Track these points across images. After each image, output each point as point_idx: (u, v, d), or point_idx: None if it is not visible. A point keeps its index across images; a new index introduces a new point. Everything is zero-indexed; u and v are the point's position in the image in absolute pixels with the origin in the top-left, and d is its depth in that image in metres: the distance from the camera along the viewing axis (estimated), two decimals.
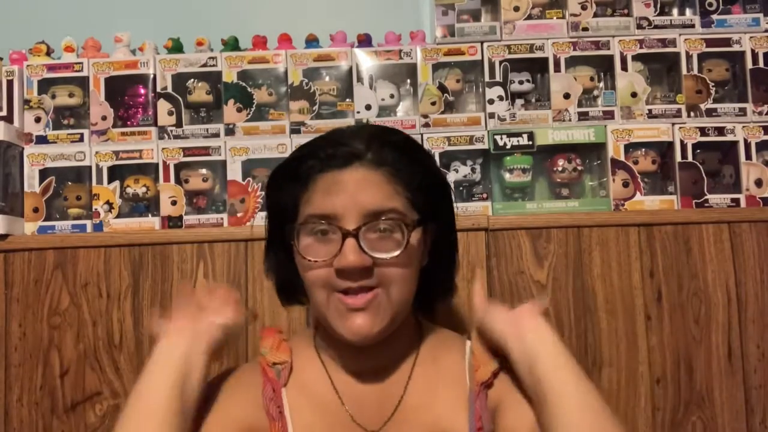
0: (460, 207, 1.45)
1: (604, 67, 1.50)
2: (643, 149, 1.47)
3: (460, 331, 1.07)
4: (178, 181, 1.47)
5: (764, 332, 1.37)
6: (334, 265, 0.86)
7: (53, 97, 1.50)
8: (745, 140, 1.45)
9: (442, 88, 1.49)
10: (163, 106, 1.49)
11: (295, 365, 0.97)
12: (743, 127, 1.45)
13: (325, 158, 0.89)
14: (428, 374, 0.97)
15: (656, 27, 1.50)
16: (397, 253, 0.87)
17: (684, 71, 1.48)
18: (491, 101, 1.47)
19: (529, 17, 1.51)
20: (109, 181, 1.47)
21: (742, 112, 1.47)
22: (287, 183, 0.92)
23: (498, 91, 1.48)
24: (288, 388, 0.95)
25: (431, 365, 0.98)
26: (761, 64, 1.48)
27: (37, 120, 1.49)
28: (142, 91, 1.52)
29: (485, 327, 0.94)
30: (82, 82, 1.51)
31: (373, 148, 0.89)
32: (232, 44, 1.55)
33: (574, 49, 1.48)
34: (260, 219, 1.41)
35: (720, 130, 1.45)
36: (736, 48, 1.49)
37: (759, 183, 1.45)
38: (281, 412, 0.92)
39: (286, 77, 1.50)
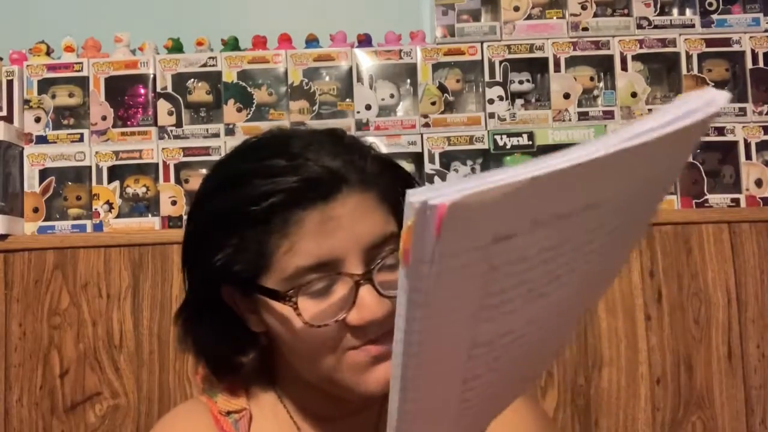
0: None
1: (604, 67, 1.50)
2: None
3: None
4: (178, 181, 1.47)
5: (764, 332, 1.37)
6: (350, 322, 0.67)
7: (53, 97, 1.50)
8: (745, 140, 1.45)
9: (442, 88, 1.49)
10: (163, 106, 1.49)
11: (254, 414, 0.79)
12: (743, 127, 1.45)
13: (301, 189, 0.66)
14: None
15: (656, 27, 1.50)
16: None
17: (684, 71, 1.48)
18: (491, 101, 1.47)
19: (529, 17, 1.51)
20: (109, 181, 1.47)
21: (742, 112, 1.47)
22: (242, 229, 0.67)
23: (498, 91, 1.48)
24: None
25: None
26: (761, 64, 1.48)
27: (37, 120, 1.49)
28: (142, 91, 1.52)
29: None
30: (82, 82, 1.50)
31: (354, 163, 0.70)
32: (232, 44, 1.55)
33: (574, 49, 1.48)
34: None
35: (720, 130, 1.45)
36: (736, 48, 1.48)
37: (759, 183, 1.45)
38: None
39: (286, 77, 1.50)
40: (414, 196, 0.34)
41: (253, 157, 0.71)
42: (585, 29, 1.49)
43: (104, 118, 1.49)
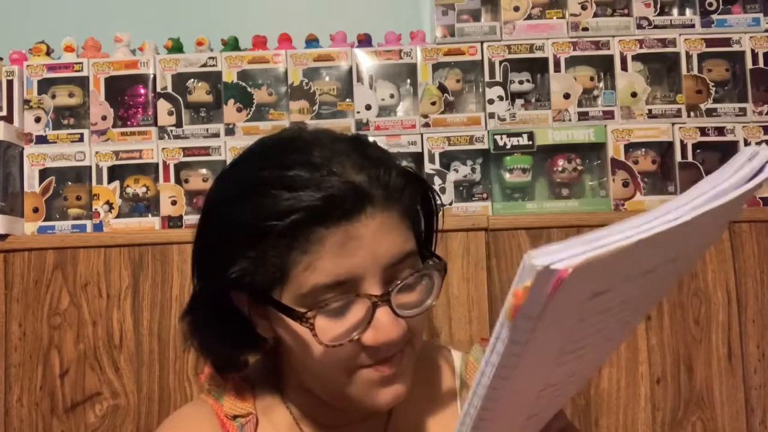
0: (460, 207, 1.45)
1: (604, 67, 1.50)
2: (643, 149, 1.47)
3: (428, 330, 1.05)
4: (178, 181, 1.47)
5: (764, 332, 1.37)
6: (365, 342, 0.66)
7: (53, 97, 1.50)
8: (745, 140, 1.45)
9: (442, 88, 1.49)
10: (163, 106, 1.49)
11: (260, 419, 0.77)
12: (743, 127, 1.45)
13: (325, 207, 0.63)
14: (417, 399, 0.80)
15: (656, 27, 1.50)
16: (429, 302, 0.70)
17: (684, 71, 1.48)
18: (491, 101, 1.47)
19: (529, 17, 1.51)
20: (109, 181, 1.47)
21: (742, 112, 1.47)
22: (262, 244, 0.65)
23: (498, 91, 1.48)
24: None
25: (419, 388, 0.80)
26: (761, 64, 1.48)
27: (37, 120, 1.49)
28: (142, 91, 1.52)
29: None
30: (82, 82, 1.50)
31: (379, 178, 0.67)
32: (232, 44, 1.55)
33: (574, 49, 1.48)
34: None
35: (720, 130, 1.45)
36: (736, 48, 1.48)
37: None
38: None
39: (286, 77, 1.50)
40: (537, 259, 0.36)
41: (273, 163, 0.68)
42: (585, 29, 1.49)
43: (104, 118, 1.49)
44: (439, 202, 0.78)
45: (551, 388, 0.47)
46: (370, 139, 0.80)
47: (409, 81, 1.55)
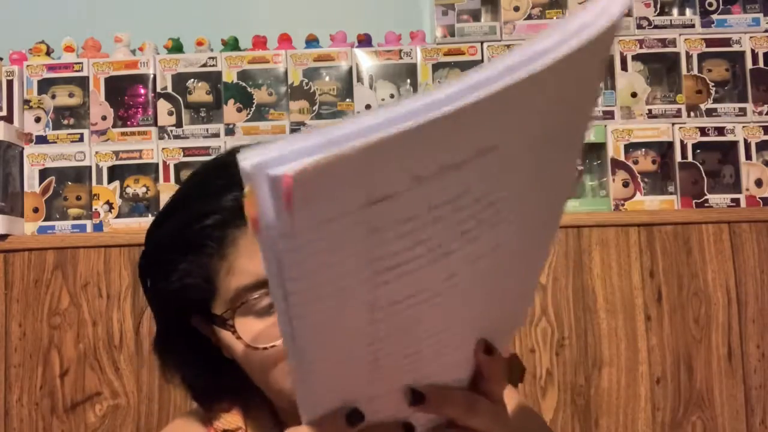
0: None
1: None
2: (643, 149, 1.47)
3: None
4: (178, 181, 1.47)
5: (764, 332, 1.37)
6: None
7: (53, 97, 1.50)
8: (745, 140, 1.45)
9: None
10: (163, 106, 1.49)
11: None
12: (743, 127, 1.45)
13: (235, 208, 0.63)
14: None
15: (656, 27, 1.50)
16: None
17: (684, 71, 1.48)
18: None
19: (529, 17, 1.51)
20: (109, 181, 1.47)
21: (742, 112, 1.47)
22: (185, 254, 0.65)
23: None
24: None
25: None
26: (761, 64, 1.48)
27: (37, 120, 1.49)
28: (142, 91, 1.52)
29: None
30: (82, 82, 1.50)
31: None
32: (232, 44, 1.55)
33: None
34: None
35: (720, 130, 1.45)
36: (736, 48, 1.48)
37: (759, 183, 1.45)
38: None
39: (286, 77, 1.50)
40: (246, 161, 0.30)
41: (196, 181, 0.70)
42: None
43: (104, 118, 1.49)
44: None
45: (390, 311, 0.39)
46: None
47: (409, 81, 1.55)
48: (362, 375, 0.44)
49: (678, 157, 1.45)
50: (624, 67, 1.48)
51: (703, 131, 1.45)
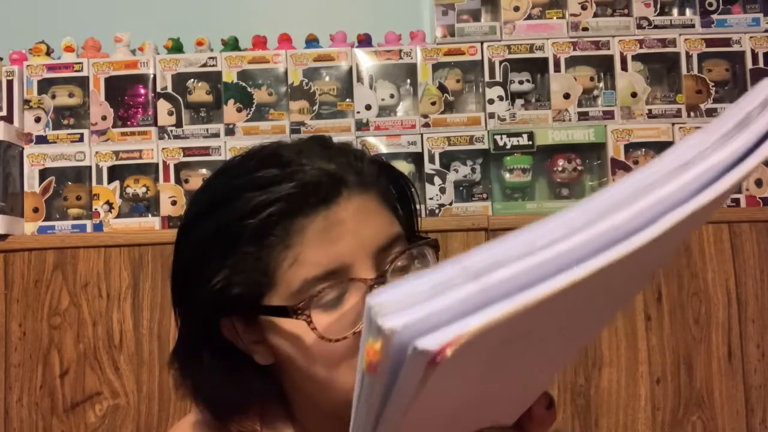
0: (460, 207, 1.45)
1: (604, 67, 1.50)
2: (643, 149, 1.47)
3: None
4: (178, 181, 1.47)
5: (764, 332, 1.37)
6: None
7: (53, 97, 1.50)
8: None
9: (442, 88, 1.49)
10: (163, 106, 1.49)
11: None
12: None
13: (300, 195, 0.61)
14: None
15: (656, 27, 1.50)
16: None
17: (684, 71, 1.48)
18: (491, 101, 1.47)
19: (529, 17, 1.51)
20: (109, 181, 1.47)
21: None
22: (240, 247, 0.62)
23: (498, 91, 1.48)
24: None
25: None
26: (761, 64, 1.48)
27: (37, 120, 1.49)
28: (142, 91, 1.52)
29: None
30: (82, 82, 1.50)
31: (351, 165, 0.65)
32: (232, 44, 1.55)
33: (574, 49, 1.48)
34: None
35: None
36: (736, 48, 1.48)
37: (759, 183, 1.45)
38: None
39: (286, 77, 1.50)
40: (386, 319, 0.27)
41: (241, 171, 0.66)
42: (585, 29, 1.49)
43: (104, 118, 1.49)
44: (413, 189, 0.75)
45: (476, 401, 0.40)
46: (358, 145, 0.75)
47: (409, 81, 1.55)
48: None
49: None
50: (624, 67, 1.48)
51: None
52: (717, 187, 0.29)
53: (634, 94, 1.47)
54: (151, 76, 1.50)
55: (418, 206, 0.75)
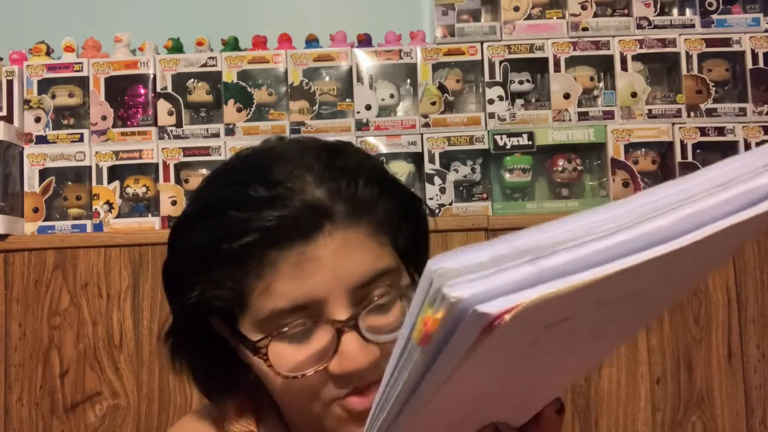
0: (460, 207, 1.45)
1: (604, 67, 1.50)
2: (643, 149, 1.47)
3: None
4: (178, 181, 1.47)
5: (764, 332, 1.37)
6: (332, 371, 0.60)
7: (53, 97, 1.50)
8: (745, 140, 1.45)
9: (442, 88, 1.49)
10: (163, 106, 1.49)
11: None
12: (743, 127, 1.45)
13: (278, 228, 0.59)
14: None
15: (656, 27, 1.50)
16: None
17: (684, 71, 1.48)
18: (491, 101, 1.47)
19: (529, 17, 1.51)
20: (109, 181, 1.47)
21: (742, 112, 1.47)
22: (217, 266, 0.62)
23: (498, 91, 1.48)
24: None
25: None
26: (761, 64, 1.48)
27: (37, 120, 1.49)
28: (142, 91, 1.52)
29: None
30: (82, 82, 1.51)
31: (341, 192, 0.62)
32: (232, 44, 1.55)
33: (574, 49, 1.48)
34: None
35: (720, 130, 1.45)
36: (736, 48, 1.48)
37: None
38: None
39: (286, 77, 1.50)
40: (452, 289, 0.28)
41: (234, 180, 0.65)
42: (585, 29, 1.49)
43: (104, 118, 1.49)
44: (426, 211, 0.72)
45: (495, 396, 0.41)
46: (359, 144, 0.74)
47: (409, 81, 1.55)
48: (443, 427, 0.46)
49: (678, 157, 1.45)
50: (624, 67, 1.48)
51: (703, 131, 1.45)
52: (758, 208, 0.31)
53: (634, 94, 1.47)
54: (151, 76, 1.50)
55: (428, 225, 0.72)
